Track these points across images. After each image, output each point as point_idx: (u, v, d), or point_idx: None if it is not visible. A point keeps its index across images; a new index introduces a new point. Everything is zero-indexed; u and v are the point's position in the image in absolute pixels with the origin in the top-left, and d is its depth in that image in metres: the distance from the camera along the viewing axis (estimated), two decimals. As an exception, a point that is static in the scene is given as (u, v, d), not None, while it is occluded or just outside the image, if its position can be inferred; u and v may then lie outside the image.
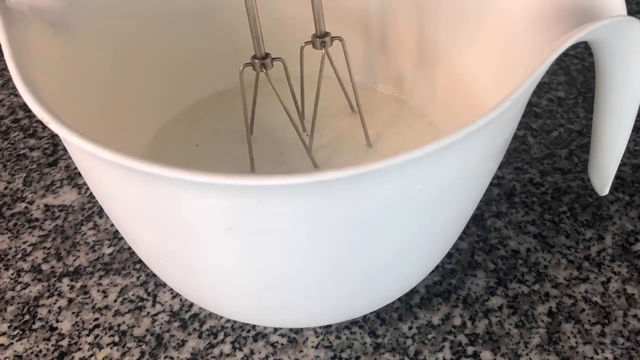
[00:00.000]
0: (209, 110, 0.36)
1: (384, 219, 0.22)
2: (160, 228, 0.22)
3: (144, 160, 0.18)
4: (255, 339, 0.31)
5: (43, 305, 0.33)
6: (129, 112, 0.32)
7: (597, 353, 0.30)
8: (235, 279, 0.24)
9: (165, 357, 0.30)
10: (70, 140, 0.19)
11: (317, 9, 0.32)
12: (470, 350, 0.30)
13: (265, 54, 0.32)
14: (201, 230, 0.21)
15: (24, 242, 0.36)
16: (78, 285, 0.34)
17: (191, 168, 0.18)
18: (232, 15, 0.34)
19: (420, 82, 0.36)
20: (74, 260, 0.35)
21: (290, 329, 0.31)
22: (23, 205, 0.38)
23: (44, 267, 0.35)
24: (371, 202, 0.21)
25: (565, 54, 0.49)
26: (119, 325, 0.32)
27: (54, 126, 0.20)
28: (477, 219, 0.36)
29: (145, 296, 0.33)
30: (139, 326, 0.32)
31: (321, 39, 0.32)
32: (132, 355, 0.31)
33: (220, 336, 0.31)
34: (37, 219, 0.37)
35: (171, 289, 0.33)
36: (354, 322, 0.32)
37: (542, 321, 0.31)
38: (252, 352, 0.30)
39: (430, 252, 0.28)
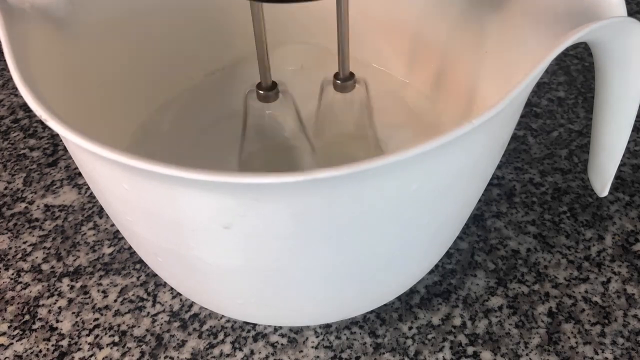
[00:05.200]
0: (202, 94, 0.36)
1: (380, 217, 0.22)
2: (158, 226, 0.22)
3: (141, 158, 0.18)
4: (255, 339, 0.31)
5: (43, 305, 0.33)
6: (129, 107, 0.33)
7: (597, 353, 0.30)
8: (233, 277, 0.24)
9: (165, 357, 0.30)
10: (68, 138, 0.19)
11: (343, 47, 0.28)
12: (470, 350, 0.30)
13: (272, 84, 0.29)
14: (198, 228, 0.21)
15: (24, 242, 0.36)
16: (78, 285, 0.34)
17: (188, 165, 0.18)
18: (227, 13, 0.34)
19: (420, 82, 0.36)
20: (74, 260, 0.35)
21: (290, 329, 0.31)
22: (23, 205, 0.38)
23: (44, 267, 0.35)
24: (366, 201, 0.21)
25: (565, 54, 0.49)
26: (119, 325, 0.32)
27: (52, 124, 0.20)
28: (477, 219, 0.36)
29: (145, 296, 0.33)
30: (139, 326, 0.32)
31: (344, 82, 0.29)
32: (132, 355, 0.31)
33: (220, 336, 0.31)
34: (37, 219, 0.37)
35: (171, 289, 0.33)
36: (354, 322, 0.32)
37: (542, 321, 0.31)
38: (252, 352, 0.30)
39: (428, 251, 0.28)
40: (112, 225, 0.37)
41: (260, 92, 0.29)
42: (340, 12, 0.27)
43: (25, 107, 0.46)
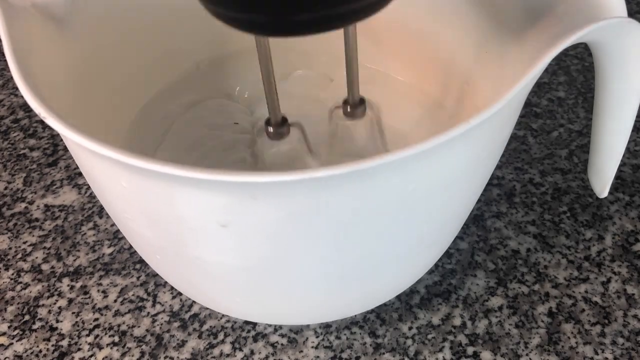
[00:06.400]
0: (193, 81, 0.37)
1: (378, 217, 0.22)
2: (157, 224, 0.23)
3: (139, 156, 0.18)
4: (255, 339, 0.31)
5: (43, 305, 0.33)
6: (129, 104, 0.33)
7: (597, 353, 0.30)
8: (232, 276, 0.24)
9: (165, 357, 0.30)
10: (67, 136, 0.19)
11: (352, 73, 0.27)
12: (470, 350, 0.30)
13: (282, 119, 0.28)
14: (196, 227, 0.21)
15: (24, 242, 0.36)
16: (78, 285, 0.34)
17: (185, 164, 0.18)
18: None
19: (419, 82, 0.36)
20: (74, 260, 0.35)
21: (290, 329, 0.31)
22: (23, 205, 0.38)
23: (44, 267, 0.35)
24: (364, 200, 0.21)
25: (565, 54, 0.49)
26: (119, 326, 0.32)
27: (51, 121, 0.20)
28: (477, 219, 0.36)
29: (145, 296, 0.33)
30: (139, 326, 0.32)
31: (354, 108, 0.28)
32: (132, 356, 0.31)
33: (220, 336, 0.31)
34: (37, 219, 0.38)
35: (171, 289, 0.33)
36: (354, 322, 0.32)
37: (542, 321, 0.31)
38: (252, 352, 0.30)
39: (427, 251, 0.28)
40: (112, 225, 0.37)
41: (270, 129, 0.28)
42: (348, 37, 0.26)
43: (25, 107, 0.46)
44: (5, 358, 0.31)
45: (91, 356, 0.31)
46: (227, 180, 0.18)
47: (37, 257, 0.35)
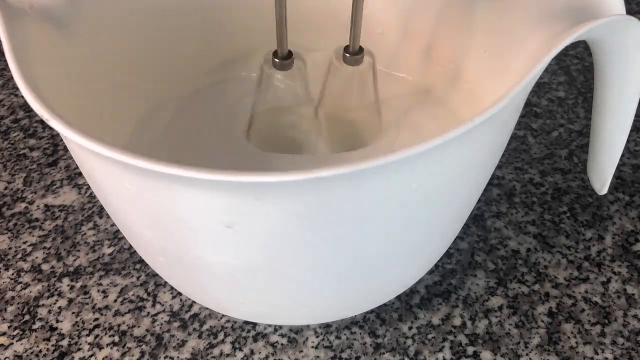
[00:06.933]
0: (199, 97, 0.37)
1: (381, 216, 0.22)
2: (159, 225, 0.23)
3: (143, 157, 0.18)
4: (255, 339, 0.31)
5: (43, 305, 0.33)
6: (128, 105, 0.33)
7: (597, 353, 0.30)
8: (234, 276, 0.24)
9: (165, 357, 0.30)
10: (71, 138, 0.19)
11: (356, 21, 0.29)
12: (470, 350, 0.30)
13: (288, 53, 0.30)
14: (200, 227, 0.21)
15: (24, 242, 0.36)
16: (78, 285, 0.34)
17: (188, 165, 0.18)
18: (227, 12, 0.34)
19: (419, 81, 0.36)
20: (74, 260, 0.35)
21: (290, 329, 0.31)
22: (23, 205, 0.38)
23: (44, 267, 0.35)
24: (367, 200, 0.21)
25: (565, 54, 0.49)
26: (119, 325, 0.32)
27: (54, 123, 0.20)
28: (477, 219, 0.36)
29: (145, 296, 0.33)
30: (139, 326, 0.32)
31: (353, 55, 0.30)
32: (132, 355, 0.31)
33: (220, 336, 0.31)
34: (37, 219, 0.37)
35: (171, 289, 0.33)
36: (354, 322, 0.32)
37: (542, 321, 0.31)
38: (252, 352, 0.30)
39: (428, 250, 0.28)
40: (112, 225, 0.37)
41: (276, 59, 0.30)
42: None
43: (25, 107, 0.46)
44: (5, 358, 0.31)
45: (91, 356, 0.31)
46: (230, 180, 0.18)
47: (37, 257, 0.35)
